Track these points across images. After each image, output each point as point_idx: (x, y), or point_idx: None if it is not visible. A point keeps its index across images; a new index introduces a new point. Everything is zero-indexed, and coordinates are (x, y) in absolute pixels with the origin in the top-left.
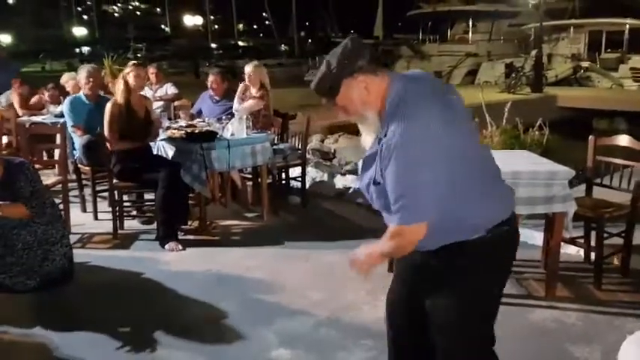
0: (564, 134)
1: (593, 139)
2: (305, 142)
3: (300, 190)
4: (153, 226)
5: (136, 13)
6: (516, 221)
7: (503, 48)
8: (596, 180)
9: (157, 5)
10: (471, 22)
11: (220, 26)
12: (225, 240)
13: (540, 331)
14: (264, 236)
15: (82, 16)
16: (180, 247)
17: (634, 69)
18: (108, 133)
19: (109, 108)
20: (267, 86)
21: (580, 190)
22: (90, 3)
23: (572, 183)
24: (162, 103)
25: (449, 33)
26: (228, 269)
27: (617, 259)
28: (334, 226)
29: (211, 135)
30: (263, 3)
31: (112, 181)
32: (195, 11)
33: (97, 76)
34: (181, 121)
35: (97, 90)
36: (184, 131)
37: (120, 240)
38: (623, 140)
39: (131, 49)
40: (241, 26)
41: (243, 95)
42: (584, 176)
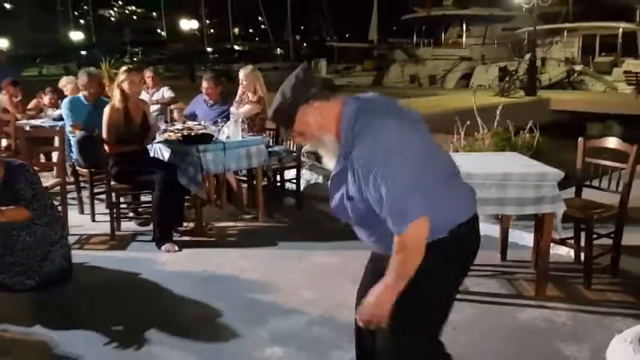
0: (557, 137)
1: (582, 141)
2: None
3: (295, 192)
4: (149, 228)
5: (133, 17)
6: (477, 222)
7: (497, 52)
8: (586, 182)
9: (153, 10)
10: (465, 26)
11: (216, 30)
12: (221, 241)
13: (530, 330)
14: (259, 237)
15: (79, 21)
16: (177, 248)
17: (627, 72)
18: (106, 136)
19: (107, 112)
20: (259, 91)
21: (570, 192)
22: (87, 7)
23: (564, 186)
24: (159, 106)
25: (443, 37)
26: (223, 270)
27: (607, 259)
28: (328, 228)
29: (207, 137)
30: (259, 7)
31: (110, 183)
32: (191, 15)
33: (97, 80)
34: (177, 124)
35: (96, 94)
36: (181, 134)
37: (117, 241)
38: (611, 142)
39: (128, 53)
40: (237, 30)
41: (240, 99)
42: (574, 179)
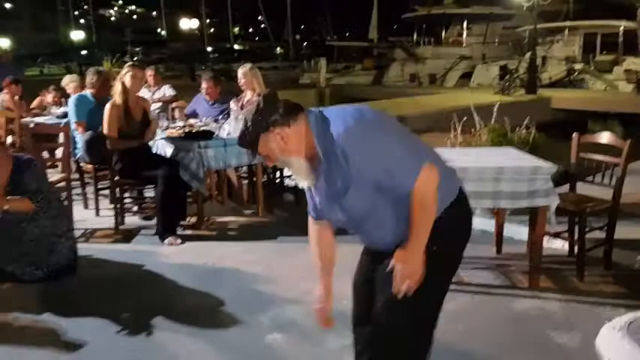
0: (558, 135)
1: (576, 136)
2: None
3: (294, 188)
4: (152, 222)
5: (132, 17)
6: (467, 199)
7: (497, 50)
8: (580, 177)
9: (153, 9)
10: (466, 25)
11: (216, 30)
12: (222, 235)
13: (524, 319)
14: (259, 232)
15: (79, 20)
16: (179, 241)
17: (628, 71)
18: (107, 132)
19: (107, 109)
20: (257, 89)
21: (564, 187)
22: (87, 7)
23: (559, 182)
24: (160, 104)
25: (443, 36)
26: (224, 262)
27: (599, 252)
28: None
29: (208, 134)
30: (259, 6)
31: (114, 179)
32: (192, 15)
33: (105, 79)
34: (179, 121)
35: (104, 93)
36: (182, 131)
37: (121, 235)
38: (605, 138)
39: (128, 52)
40: (237, 29)
41: (238, 99)
42: (568, 174)
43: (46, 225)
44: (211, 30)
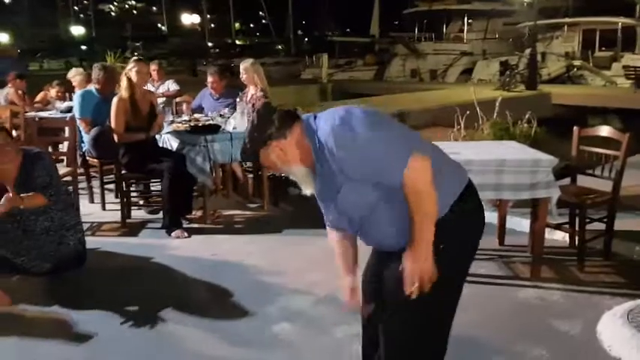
0: (558, 130)
1: (577, 129)
2: None
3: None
4: (158, 216)
5: (132, 12)
6: (476, 194)
7: (498, 46)
8: (580, 169)
9: (153, 4)
10: (467, 21)
11: (216, 25)
12: (228, 228)
13: (526, 308)
14: (264, 225)
15: (79, 16)
16: (186, 234)
17: (627, 67)
18: (114, 126)
19: (115, 103)
20: (260, 84)
21: (565, 180)
22: (87, 2)
23: (559, 174)
24: (164, 99)
25: (444, 31)
26: (231, 255)
27: (600, 243)
28: None
29: (215, 128)
30: (260, 2)
31: (121, 172)
32: (192, 10)
33: (111, 75)
34: (185, 115)
35: (109, 88)
36: (188, 125)
37: (128, 228)
38: (604, 131)
39: (129, 47)
40: (238, 25)
41: (243, 93)
42: (569, 166)
43: (56, 218)
44: (212, 25)
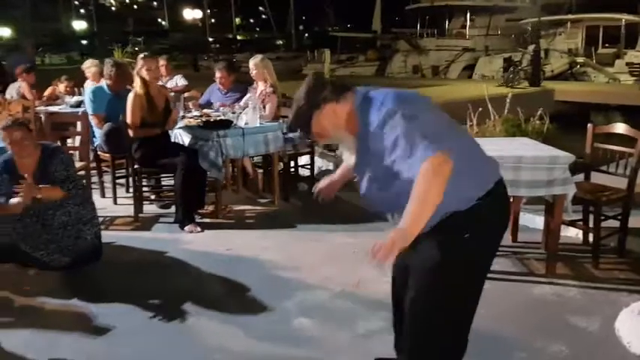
0: (561, 126)
1: (591, 127)
2: None
3: (308, 178)
4: (170, 210)
5: (133, 6)
6: (505, 187)
7: (500, 43)
8: (594, 166)
9: None
10: (469, 17)
11: (217, 20)
12: (240, 223)
13: (542, 304)
14: (276, 220)
15: (80, 10)
16: (199, 229)
17: (630, 64)
18: (130, 121)
19: (131, 98)
20: (269, 79)
21: (579, 176)
22: None
23: (573, 171)
24: (173, 94)
25: (446, 27)
26: (245, 249)
27: (614, 240)
28: (342, 211)
29: (227, 123)
30: None
31: (134, 167)
32: (193, 5)
33: (122, 70)
34: (195, 111)
35: (121, 85)
36: (200, 120)
37: (141, 222)
38: (619, 128)
39: (130, 42)
40: (238, 20)
41: (252, 89)
42: (583, 164)
43: (73, 212)
44: (212, 20)
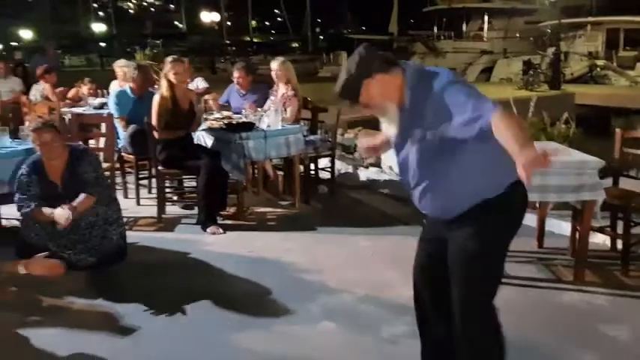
0: (583, 130)
1: (620, 132)
2: (335, 134)
3: (328, 180)
4: (192, 212)
5: (150, 9)
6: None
7: (519, 45)
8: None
9: (170, 2)
10: (487, 19)
11: (234, 23)
12: (261, 225)
13: (571, 312)
14: (297, 222)
15: (99, 13)
16: (221, 230)
17: None
18: (155, 123)
19: (156, 100)
20: (292, 82)
21: (607, 182)
22: None
23: (602, 176)
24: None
25: (464, 30)
26: (266, 251)
27: None
28: (363, 214)
29: (249, 126)
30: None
31: (158, 168)
32: (210, 8)
33: (145, 74)
34: (216, 113)
35: (144, 88)
36: (222, 122)
37: (164, 223)
38: None
39: (148, 45)
40: (254, 22)
41: (274, 91)
42: (611, 169)
43: (100, 212)
44: (228, 23)
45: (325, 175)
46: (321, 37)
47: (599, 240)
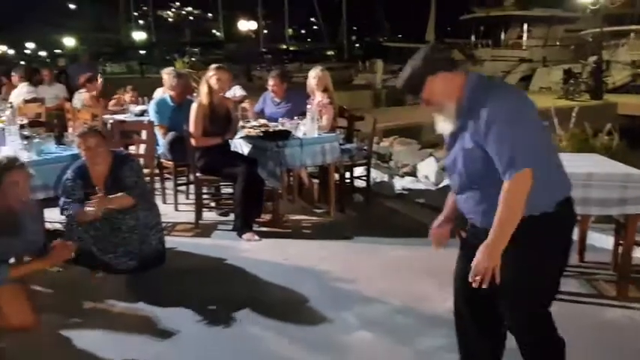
0: (626, 142)
1: None
2: (371, 142)
3: (364, 189)
4: (229, 218)
5: (189, 18)
6: (573, 202)
7: (559, 54)
8: None
9: (209, 11)
10: (526, 27)
11: (270, 31)
12: (296, 233)
13: (615, 328)
14: (332, 230)
15: (138, 21)
16: (257, 237)
17: None
18: (193, 130)
19: (194, 108)
20: (330, 89)
21: None
22: (146, 8)
23: None
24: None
25: (502, 38)
26: (302, 259)
27: None
28: (398, 224)
29: (286, 134)
30: (314, 8)
31: (196, 175)
32: (248, 16)
33: (184, 82)
34: (253, 121)
35: (183, 96)
36: (260, 130)
37: (201, 229)
38: None
39: (187, 53)
40: (290, 31)
41: (310, 100)
42: None
43: (141, 217)
44: (264, 31)
45: (360, 184)
46: (357, 45)
47: None
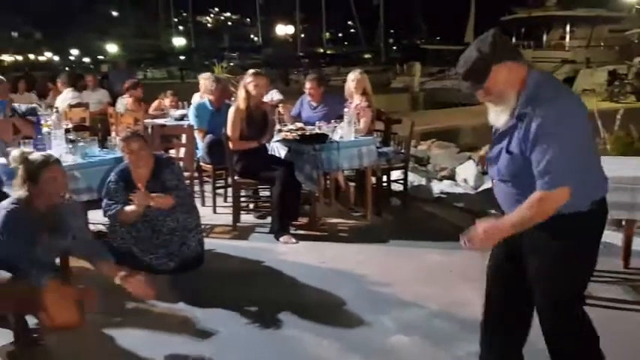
0: None
1: None
2: (409, 145)
3: (401, 193)
4: (266, 221)
5: (227, 23)
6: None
7: (603, 55)
8: None
9: (247, 16)
10: (569, 28)
11: (307, 35)
12: (333, 236)
13: None
14: (369, 234)
15: (178, 27)
16: (294, 240)
17: None
18: (230, 134)
19: (232, 112)
20: (368, 92)
21: None
22: (185, 14)
23: None
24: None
25: (544, 39)
26: (339, 262)
27: None
28: (436, 228)
29: (323, 137)
30: (351, 11)
31: (234, 178)
32: (285, 21)
33: (223, 86)
34: (290, 125)
35: (222, 100)
36: (296, 134)
37: (238, 232)
38: None
39: (226, 58)
40: (327, 34)
41: (348, 103)
42: None
43: (181, 219)
44: (302, 35)
45: (397, 187)
46: (394, 48)
47: None
